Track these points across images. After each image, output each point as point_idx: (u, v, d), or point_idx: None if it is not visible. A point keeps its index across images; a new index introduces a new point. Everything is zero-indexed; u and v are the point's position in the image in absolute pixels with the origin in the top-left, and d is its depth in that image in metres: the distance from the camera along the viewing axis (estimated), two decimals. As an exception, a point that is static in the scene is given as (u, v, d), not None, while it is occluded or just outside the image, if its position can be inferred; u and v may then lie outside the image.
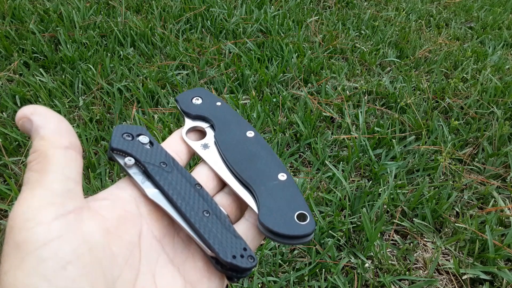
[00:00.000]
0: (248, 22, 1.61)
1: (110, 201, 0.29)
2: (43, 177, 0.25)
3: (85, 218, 0.26)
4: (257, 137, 0.37)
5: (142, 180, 0.31)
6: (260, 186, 0.33)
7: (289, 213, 0.31)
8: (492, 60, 1.52)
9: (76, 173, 0.27)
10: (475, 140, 1.16)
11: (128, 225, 0.28)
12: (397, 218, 0.93)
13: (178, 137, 0.37)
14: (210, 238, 0.29)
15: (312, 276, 0.82)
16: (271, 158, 0.35)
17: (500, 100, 1.28)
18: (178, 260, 0.30)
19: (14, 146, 1.02)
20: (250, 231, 0.32)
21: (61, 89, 1.20)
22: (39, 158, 0.26)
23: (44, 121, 0.27)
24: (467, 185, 1.02)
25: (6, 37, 1.38)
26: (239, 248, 0.29)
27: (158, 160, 0.32)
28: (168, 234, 0.30)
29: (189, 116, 0.39)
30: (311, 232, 0.30)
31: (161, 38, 1.47)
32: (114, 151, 0.31)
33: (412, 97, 1.27)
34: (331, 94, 1.28)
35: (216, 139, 0.36)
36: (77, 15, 1.51)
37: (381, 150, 1.09)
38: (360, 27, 1.69)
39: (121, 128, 0.33)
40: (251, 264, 0.29)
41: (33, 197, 0.24)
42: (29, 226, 0.23)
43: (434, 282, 0.81)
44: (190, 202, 0.30)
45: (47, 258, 0.22)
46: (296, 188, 0.33)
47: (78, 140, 0.28)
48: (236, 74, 1.33)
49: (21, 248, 0.22)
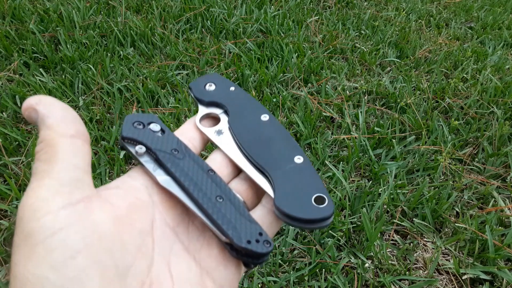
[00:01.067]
0: (248, 22, 1.61)
1: (121, 190, 0.28)
2: (50, 167, 0.25)
3: (94, 207, 0.25)
4: (272, 120, 0.36)
5: (154, 168, 0.30)
6: (276, 170, 0.32)
7: (306, 196, 0.30)
8: (492, 60, 1.52)
9: (84, 162, 0.26)
10: (475, 140, 1.16)
11: (140, 213, 0.27)
12: (397, 218, 0.93)
13: (191, 124, 0.36)
14: (223, 224, 0.28)
15: (312, 276, 0.82)
16: (287, 141, 0.34)
17: (500, 100, 1.28)
18: (193, 248, 0.29)
19: (14, 146, 1.02)
20: (267, 217, 0.31)
21: (61, 89, 1.20)
22: (45, 148, 0.26)
23: (49, 110, 0.26)
24: (467, 185, 1.02)
25: (6, 37, 1.38)
26: (254, 232, 0.28)
27: (170, 147, 0.31)
28: (182, 222, 0.30)
29: (202, 103, 0.37)
30: (330, 215, 0.29)
31: (161, 38, 1.47)
32: (125, 140, 0.31)
33: (412, 97, 1.27)
34: (331, 94, 1.28)
35: (230, 124, 0.35)
36: (77, 15, 1.51)
37: (381, 150, 1.09)
38: (360, 27, 1.69)
39: (131, 117, 0.32)
40: (267, 249, 0.28)
41: (40, 187, 0.24)
42: (37, 216, 0.23)
43: (434, 282, 0.81)
44: (202, 188, 0.29)
45: (55, 247, 0.22)
46: (313, 170, 0.32)
47: (85, 129, 0.28)
48: (236, 74, 1.33)
49: (30, 238, 0.22)
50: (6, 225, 0.84)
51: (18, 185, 0.93)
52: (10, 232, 0.83)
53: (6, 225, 0.84)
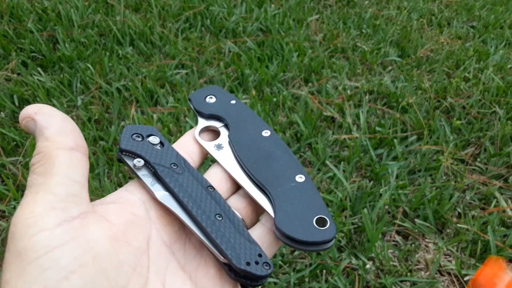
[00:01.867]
0: (248, 21, 1.60)
1: (117, 205, 0.28)
2: (47, 180, 0.24)
3: (90, 224, 0.24)
4: (273, 136, 0.35)
5: (152, 183, 0.29)
6: (277, 188, 0.31)
7: (308, 218, 0.29)
8: (494, 59, 1.51)
9: (81, 176, 0.25)
10: (477, 140, 1.15)
11: (136, 231, 0.27)
12: (398, 219, 0.92)
13: (190, 137, 0.35)
14: (222, 243, 0.27)
15: (313, 277, 0.81)
16: (288, 159, 0.33)
17: (502, 99, 1.27)
18: (189, 267, 0.28)
19: (12, 146, 1.01)
20: (267, 236, 0.30)
21: (59, 89, 1.19)
22: (42, 160, 0.25)
23: (48, 121, 0.26)
24: (469, 185, 1.01)
25: (4, 36, 1.37)
26: (254, 254, 0.27)
27: (169, 161, 0.30)
28: (179, 239, 0.29)
29: (202, 116, 0.37)
30: (331, 238, 0.28)
31: (160, 37, 1.46)
32: (123, 152, 0.30)
33: (413, 97, 1.27)
34: (331, 93, 1.27)
35: (230, 139, 0.35)
36: (76, 14, 1.50)
37: (383, 150, 1.08)
38: (361, 26, 1.68)
39: (130, 128, 0.31)
40: (267, 271, 0.27)
41: (35, 201, 0.23)
42: (30, 233, 0.22)
43: (436, 283, 0.80)
44: (201, 205, 0.29)
45: (49, 267, 0.21)
46: (315, 190, 0.31)
47: (84, 141, 0.27)
48: (236, 73, 1.32)
49: (22, 256, 0.21)
50: (5, 226, 0.83)
51: (16, 185, 0.92)
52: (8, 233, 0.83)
53: (4, 226, 0.83)
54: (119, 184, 0.95)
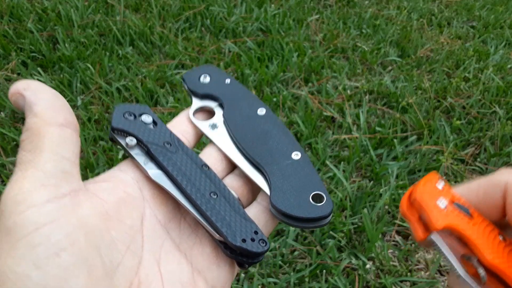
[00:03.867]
0: (248, 21, 1.60)
1: (110, 183, 0.27)
2: (36, 157, 0.23)
3: (81, 201, 0.24)
4: (269, 114, 0.34)
5: (145, 161, 0.29)
6: (272, 166, 0.30)
7: (304, 194, 0.29)
8: (494, 59, 1.51)
9: (72, 153, 0.25)
10: (477, 140, 1.15)
11: (129, 209, 0.26)
12: (398, 219, 0.92)
13: (185, 117, 0.35)
14: (217, 221, 0.27)
15: (313, 278, 0.81)
16: (284, 136, 0.32)
17: (502, 99, 1.27)
18: (184, 246, 0.28)
19: (12, 146, 1.01)
20: (263, 215, 0.30)
21: (59, 89, 1.19)
22: (31, 136, 0.24)
23: (38, 96, 0.25)
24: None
25: (4, 36, 1.37)
26: (250, 231, 0.27)
27: (162, 140, 0.30)
28: (173, 218, 0.29)
29: (196, 96, 0.36)
30: (328, 214, 0.28)
31: (160, 37, 1.46)
32: (115, 131, 0.30)
33: (413, 97, 1.26)
34: (331, 93, 1.27)
35: (225, 118, 0.34)
36: (76, 14, 1.50)
37: (383, 150, 1.08)
38: (361, 26, 1.68)
39: (122, 107, 0.31)
40: (263, 248, 0.26)
41: (24, 178, 0.23)
42: (19, 210, 0.21)
43: (436, 283, 0.80)
44: (196, 184, 0.28)
45: (39, 244, 0.21)
46: (312, 167, 0.31)
47: (75, 117, 0.26)
48: (236, 73, 1.32)
49: (11, 233, 0.21)
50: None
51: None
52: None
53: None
54: (119, 184, 0.95)
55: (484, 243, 0.24)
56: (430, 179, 0.26)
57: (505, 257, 0.23)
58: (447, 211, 0.24)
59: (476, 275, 0.24)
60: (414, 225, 0.25)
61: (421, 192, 0.25)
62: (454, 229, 0.24)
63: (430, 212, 0.24)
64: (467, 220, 0.24)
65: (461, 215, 0.24)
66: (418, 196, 0.25)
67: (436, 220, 0.24)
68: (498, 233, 0.25)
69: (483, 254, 0.23)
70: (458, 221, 0.24)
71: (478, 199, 0.25)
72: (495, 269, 0.23)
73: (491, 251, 0.23)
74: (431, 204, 0.24)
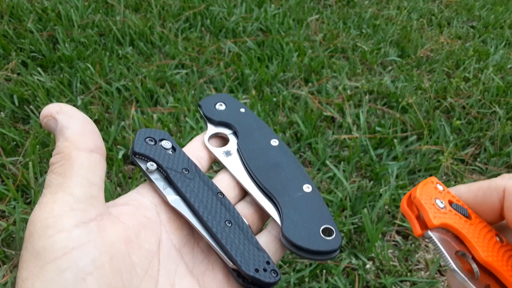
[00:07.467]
0: (248, 20, 1.60)
1: (131, 207, 0.28)
2: (66, 181, 0.24)
3: (106, 225, 0.25)
4: (281, 146, 0.36)
5: (164, 187, 0.30)
6: (284, 197, 0.31)
7: (314, 227, 0.30)
8: (494, 59, 1.51)
9: (99, 178, 0.26)
10: (477, 140, 1.15)
11: (148, 233, 0.27)
12: (398, 219, 0.92)
13: (199, 142, 0.36)
14: (232, 250, 0.27)
15: (313, 278, 0.81)
16: (296, 169, 0.34)
17: (502, 99, 1.27)
18: (197, 271, 0.28)
19: (12, 146, 1.01)
20: (273, 243, 0.31)
21: (59, 89, 1.19)
22: (62, 160, 0.25)
23: (70, 121, 0.26)
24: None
25: (4, 36, 1.37)
26: (262, 261, 0.28)
27: (181, 166, 0.31)
28: (188, 243, 0.30)
29: (212, 122, 0.37)
30: (337, 248, 0.29)
31: (160, 37, 1.46)
32: (137, 155, 0.31)
33: (413, 97, 1.26)
34: (331, 93, 1.27)
35: (239, 146, 0.35)
36: (75, 14, 1.50)
37: (383, 150, 1.08)
38: (361, 26, 1.68)
39: (144, 132, 0.32)
40: (274, 279, 0.27)
41: (54, 201, 0.23)
42: (49, 234, 0.22)
43: (436, 283, 0.80)
44: (212, 211, 0.29)
45: (67, 268, 0.22)
46: (322, 200, 0.32)
47: (103, 143, 0.27)
48: (236, 73, 1.32)
49: (40, 256, 0.22)
50: (4, 226, 0.83)
51: (16, 185, 0.92)
52: (8, 233, 0.83)
53: (4, 225, 0.83)
54: (119, 184, 0.95)
55: (479, 242, 0.25)
56: (431, 181, 0.28)
57: (500, 256, 0.25)
58: (445, 211, 0.26)
59: (471, 271, 0.26)
60: (413, 222, 0.27)
61: (421, 191, 0.27)
62: (450, 227, 0.26)
63: (427, 210, 0.26)
64: (464, 220, 0.26)
65: (458, 215, 0.26)
66: (418, 195, 0.26)
67: (433, 218, 0.25)
68: (495, 234, 0.26)
69: (477, 251, 0.25)
70: (455, 221, 0.26)
71: (477, 201, 0.26)
72: (489, 266, 0.25)
73: (485, 249, 0.25)
74: (429, 203, 0.26)
